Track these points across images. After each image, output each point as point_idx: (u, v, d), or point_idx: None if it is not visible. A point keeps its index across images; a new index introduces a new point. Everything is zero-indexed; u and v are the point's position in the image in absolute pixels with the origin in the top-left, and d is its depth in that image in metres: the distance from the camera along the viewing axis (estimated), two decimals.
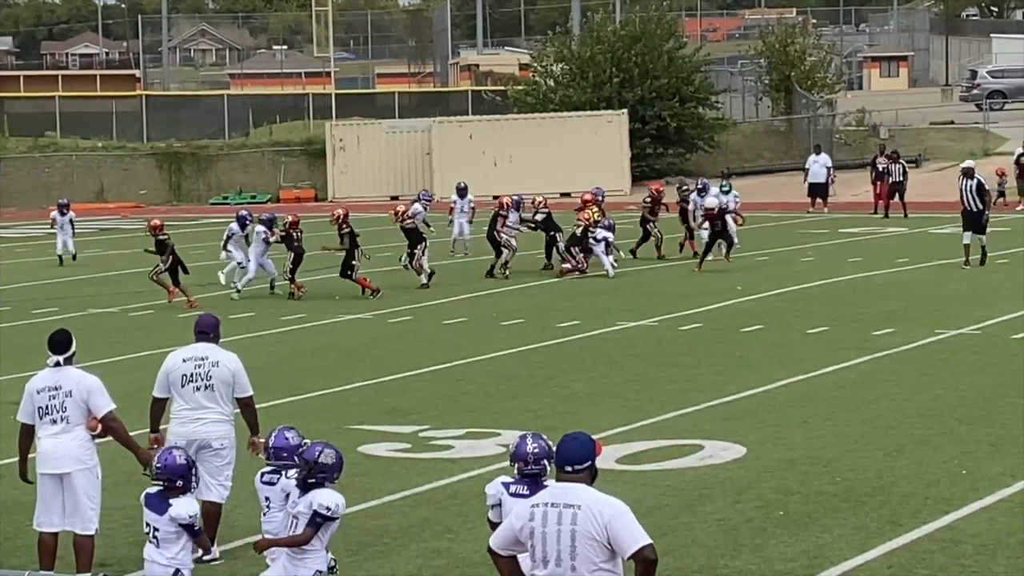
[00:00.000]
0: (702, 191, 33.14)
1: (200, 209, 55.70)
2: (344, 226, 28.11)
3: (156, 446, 11.97)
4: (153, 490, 9.93)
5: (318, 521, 9.51)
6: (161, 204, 58.05)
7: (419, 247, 28.96)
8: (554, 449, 9.37)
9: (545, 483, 9.28)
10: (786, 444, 15.40)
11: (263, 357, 19.71)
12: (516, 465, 9.34)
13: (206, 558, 11.02)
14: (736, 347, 21.65)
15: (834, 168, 46.57)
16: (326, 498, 9.50)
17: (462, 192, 36.12)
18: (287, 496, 9.83)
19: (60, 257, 35.92)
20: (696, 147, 58.77)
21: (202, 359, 12.06)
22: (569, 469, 7.74)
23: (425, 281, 28.84)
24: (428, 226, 30.37)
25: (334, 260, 32.26)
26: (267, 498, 9.94)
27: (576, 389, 18.77)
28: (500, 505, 9.32)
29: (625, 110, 56.14)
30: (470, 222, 35.61)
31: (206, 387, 11.98)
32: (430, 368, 20.60)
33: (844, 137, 59.60)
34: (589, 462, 7.76)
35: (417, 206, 29.76)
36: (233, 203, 57.20)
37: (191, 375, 12.01)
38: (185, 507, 9.83)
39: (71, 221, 36.49)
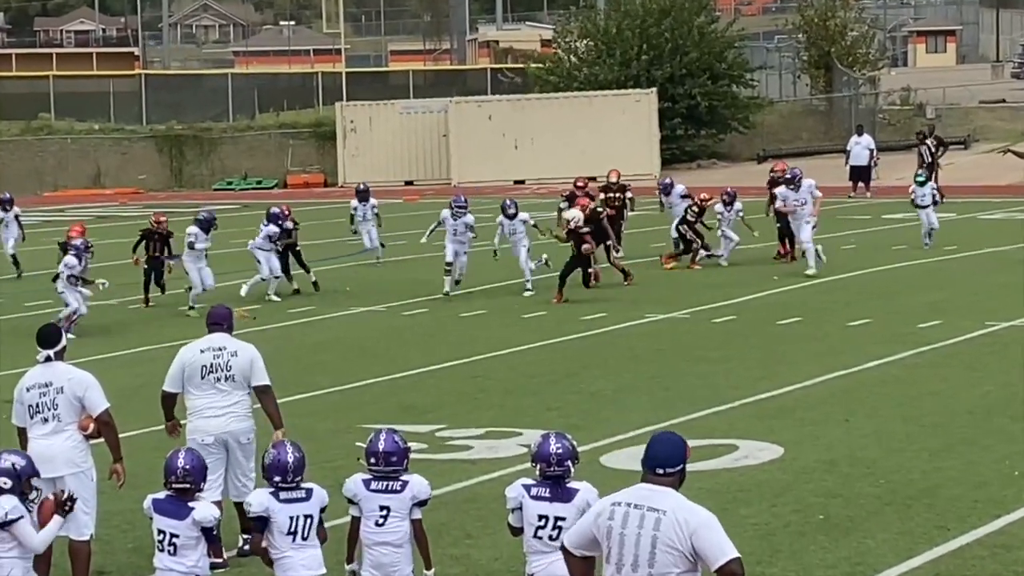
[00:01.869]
0: (791, 182, 28.75)
1: (203, 195, 55.76)
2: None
3: (174, 431, 12.09)
4: (161, 495, 9.90)
5: (258, 525, 9.77)
6: (161, 190, 58.22)
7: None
8: (577, 449, 9.44)
9: (568, 485, 9.30)
10: (826, 444, 15.38)
11: (269, 352, 19.62)
12: (538, 466, 9.36)
13: (217, 562, 11.03)
14: (772, 341, 21.62)
15: (877, 150, 46.48)
16: (249, 497, 10.03)
17: (363, 195, 32.23)
18: (417, 503, 9.86)
19: (13, 257, 32.13)
20: (730, 128, 58.71)
21: (220, 349, 12.26)
22: (660, 472, 7.68)
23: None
24: (474, 233, 27.31)
25: (338, 249, 32.33)
26: (384, 507, 9.80)
27: (602, 386, 18.77)
28: (521, 508, 9.36)
29: (654, 89, 56.09)
30: (378, 225, 32.13)
31: (227, 377, 12.15)
32: (447, 363, 20.62)
33: (888, 117, 59.49)
34: (680, 466, 7.73)
35: (444, 212, 27.26)
36: (238, 189, 57.41)
37: (211, 365, 12.21)
38: (210, 510, 9.91)
39: (17, 218, 32.67)
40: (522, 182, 54.84)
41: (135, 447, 12.71)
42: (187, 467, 9.91)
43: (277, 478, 9.76)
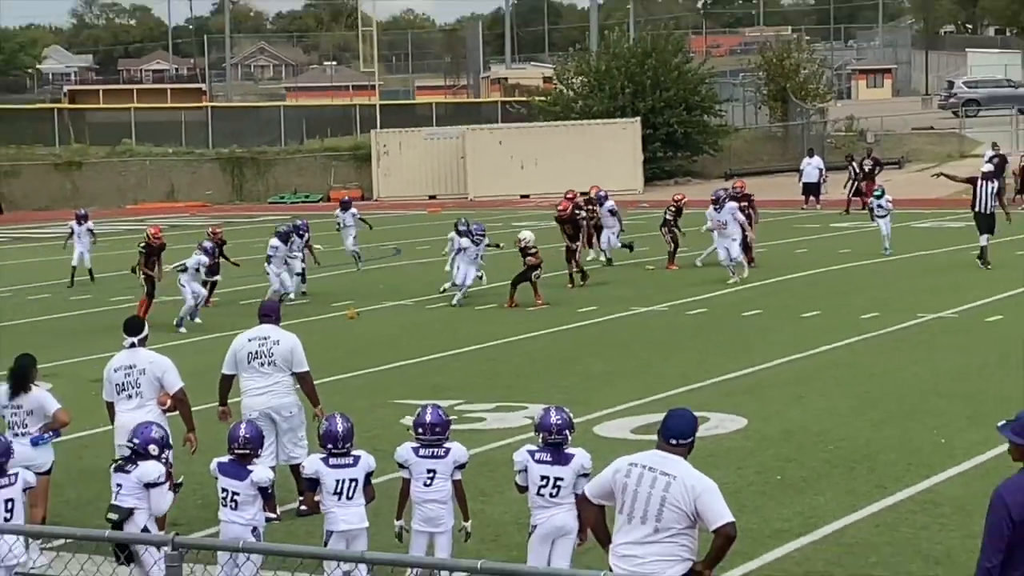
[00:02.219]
0: (716, 203, 27.41)
1: (259, 208, 55.88)
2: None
3: (224, 418, 12.08)
4: (225, 459, 9.92)
5: (310, 485, 9.96)
6: (225, 203, 58.26)
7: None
8: (574, 420, 9.46)
9: (566, 451, 9.30)
10: (783, 417, 15.36)
11: (315, 339, 19.69)
12: (541, 435, 9.37)
13: (271, 516, 11.04)
14: (737, 330, 21.59)
15: (826, 169, 46.43)
16: (305, 461, 10.26)
17: (345, 205, 31.20)
18: (458, 466, 9.81)
19: (74, 269, 30.19)
20: (702, 151, 58.67)
21: (264, 338, 12.20)
22: (673, 442, 7.74)
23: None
24: (497, 246, 26.41)
25: (367, 254, 32.23)
26: (431, 470, 9.72)
27: (596, 368, 18.75)
28: (526, 471, 9.35)
29: (638, 118, 56.06)
30: (355, 238, 30.80)
31: (269, 363, 12.11)
32: (465, 349, 20.62)
33: (834, 141, 59.40)
34: (691, 438, 7.76)
35: (464, 241, 24.92)
36: (289, 202, 57.42)
37: (256, 352, 12.15)
38: (266, 472, 9.94)
39: (90, 231, 30.62)
40: (527, 196, 54.81)
41: (204, 419, 12.70)
42: (247, 436, 9.95)
43: (329, 445, 9.77)
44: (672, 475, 7.57)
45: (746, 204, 29.51)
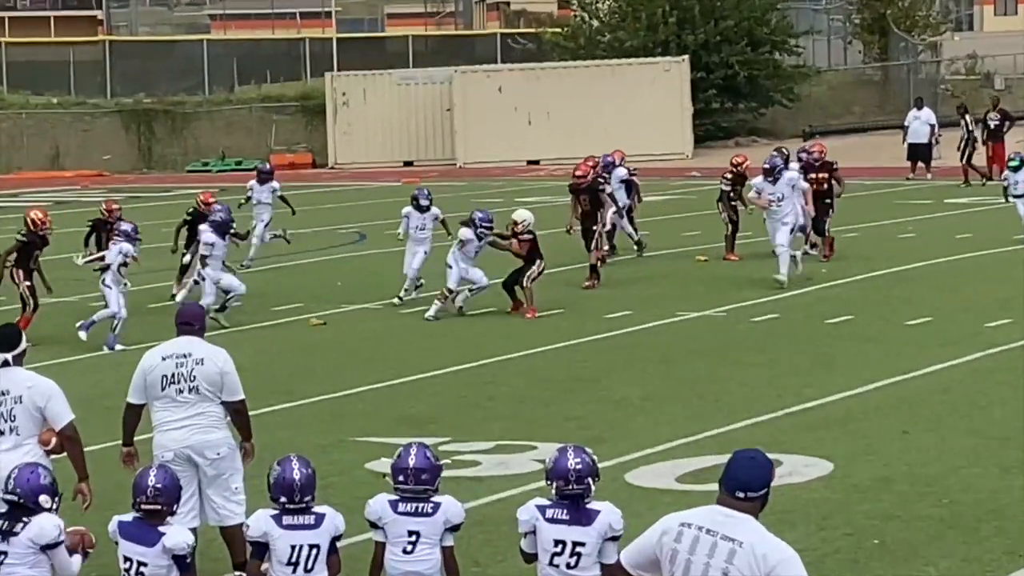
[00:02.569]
0: (769, 173, 27.02)
1: (175, 178, 55.95)
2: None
3: (129, 462, 12.04)
4: (129, 517, 9.85)
5: (257, 551, 9.93)
6: (128, 172, 58.34)
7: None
8: (598, 465, 9.47)
9: (588, 506, 9.31)
10: (881, 459, 15.40)
11: (251, 355, 19.76)
12: (554, 484, 9.39)
13: None
14: (820, 342, 21.64)
15: (939, 126, 46.47)
16: (250, 519, 10.24)
17: (264, 176, 31.71)
18: (449, 528, 9.84)
19: None
20: (772, 101, 58.75)
21: (184, 356, 12.08)
22: (741, 495, 7.59)
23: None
24: (500, 239, 25.24)
25: (328, 239, 32.31)
26: (414, 532, 9.76)
27: (627, 393, 18.79)
28: (535, 532, 9.38)
29: (686, 56, 56.12)
30: (266, 224, 31.12)
31: (191, 388, 12.01)
32: (451, 368, 20.65)
33: (951, 88, 59.47)
34: (764, 490, 7.65)
35: (467, 232, 24.64)
36: (215, 171, 57.49)
37: (173, 375, 12.03)
38: (183, 535, 9.82)
39: None
40: (536, 163, 54.87)
41: (101, 463, 12.72)
42: (159, 486, 9.83)
43: (283, 498, 9.73)
44: (738, 540, 7.55)
45: (826, 176, 29.43)
